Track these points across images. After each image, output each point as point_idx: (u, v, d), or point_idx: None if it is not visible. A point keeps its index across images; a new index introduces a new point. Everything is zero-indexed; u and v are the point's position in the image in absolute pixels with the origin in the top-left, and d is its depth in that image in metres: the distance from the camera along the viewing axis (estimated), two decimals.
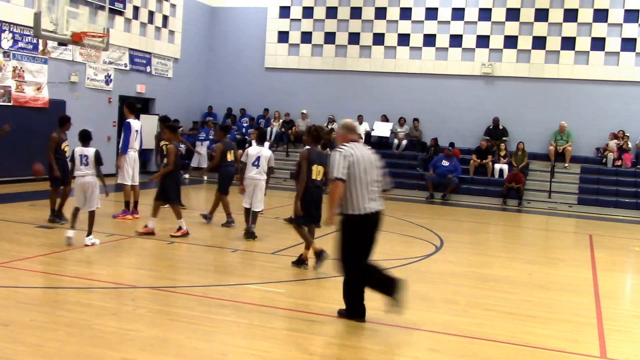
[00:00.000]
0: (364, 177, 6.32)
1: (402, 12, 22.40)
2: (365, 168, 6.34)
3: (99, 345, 5.41)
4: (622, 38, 20.44)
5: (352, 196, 6.27)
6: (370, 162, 6.44)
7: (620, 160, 19.83)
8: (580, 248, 12.42)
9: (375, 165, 6.49)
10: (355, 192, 6.27)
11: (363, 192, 6.29)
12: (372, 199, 6.37)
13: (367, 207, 6.31)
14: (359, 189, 6.28)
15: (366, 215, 6.31)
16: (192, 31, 23.52)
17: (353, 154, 6.29)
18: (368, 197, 6.32)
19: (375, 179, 6.45)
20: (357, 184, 6.28)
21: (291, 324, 6.34)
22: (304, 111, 23.01)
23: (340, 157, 6.25)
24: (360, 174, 6.30)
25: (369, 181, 6.35)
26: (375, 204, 6.38)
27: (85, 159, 9.34)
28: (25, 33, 16.22)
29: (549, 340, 6.35)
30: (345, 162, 6.24)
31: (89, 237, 9.31)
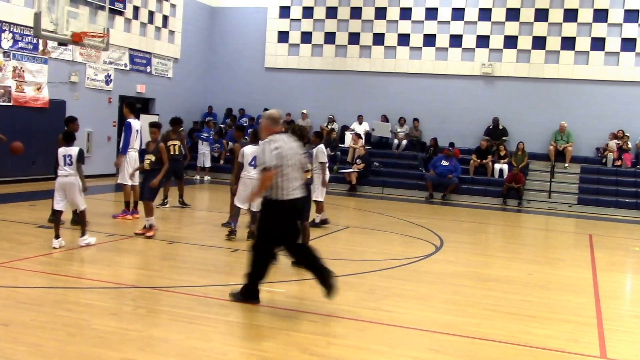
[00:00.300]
0: (287, 167, 6.72)
1: (402, 12, 22.41)
2: (290, 158, 6.75)
3: (99, 345, 5.41)
4: (622, 38, 20.44)
5: (278, 183, 6.68)
6: (295, 152, 6.86)
7: (620, 160, 19.83)
8: (580, 248, 12.42)
9: (299, 154, 6.93)
10: (280, 180, 6.67)
11: (288, 180, 6.72)
12: (296, 187, 6.81)
13: (290, 194, 6.74)
14: (284, 177, 6.70)
15: (289, 201, 6.73)
16: (192, 31, 23.53)
17: (279, 146, 6.69)
18: (292, 185, 6.75)
19: (299, 168, 6.91)
20: (283, 173, 6.68)
21: (291, 323, 6.34)
22: (304, 111, 23.01)
23: (269, 147, 6.66)
24: (285, 163, 6.70)
25: (294, 170, 6.79)
26: (298, 191, 6.84)
27: (69, 159, 9.09)
28: (26, 33, 16.23)
29: (549, 340, 6.35)
30: (276, 152, 6.64)
31: (83, 238, 9.23)
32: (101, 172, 18.76)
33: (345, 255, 10.29)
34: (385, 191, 20.07)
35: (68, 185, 9.09)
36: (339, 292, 6.81)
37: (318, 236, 11.38)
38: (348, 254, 10.34)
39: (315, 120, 22.92)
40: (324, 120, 22.73)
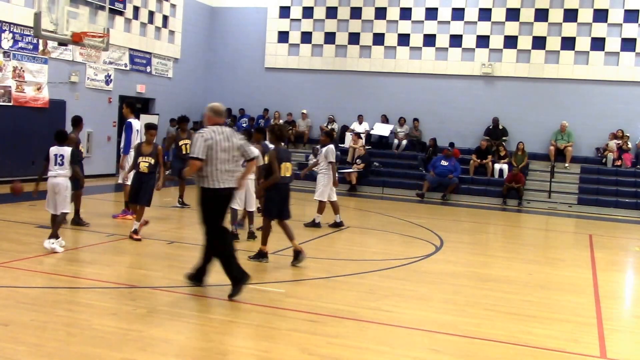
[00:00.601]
0: (222, 157, 7.07)
1: (402, 12, 22.40)
2: (223, 150, 7.09)
3: (99, 345, 5.41)
4: (622, 38, 20.44)
5: (211, 173, 7.04)
6: (230, 144, 7.19)
7: (620, 160, 19.83)
8: (580, 248, 12.42)
9: (236, 147, 7.24)
10: (213, 169, 7.03)
11: (220, 170, 7.06)
12: (228, 177, 7.17)
13: (222, 183, 7.10)
14: (217, 167, 7.05)
15: (221, 189, 7.11)
16: (192, 31, 23.53)
17: (213, 137, 7.03)
18: (224, 175, 7.11)
19: (234, 160, 7.25)
20: (215, 163, 7.03)
21: (291, 324, 6.34)
22: (304, 111, 23.01)
23: (201, 140, 7.01)
24: (218, 154, 7.05)
25: (227, 161, 7.13)
26: (230, 182, 7.19)
27: (60, 159, 8.90)
28: (26, 33, 16.23)
29: (549, 340, 6.35)
30: (205, 144, 6.99)
31: (49, 240, 8.76)
32: (101, 172, 18.76)
33: (345, 255, 10.29)
34: (385, 191, 20.07)
35: (56, 185, 8.88)
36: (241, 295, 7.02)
37: (318, 236, 11.38)
38: (348, 254, 10.35)
39: (315, 120, 22.94)
40: (324, 120, 22.73)
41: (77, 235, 10.22)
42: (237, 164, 7.37)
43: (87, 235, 10.25)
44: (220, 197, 7.16)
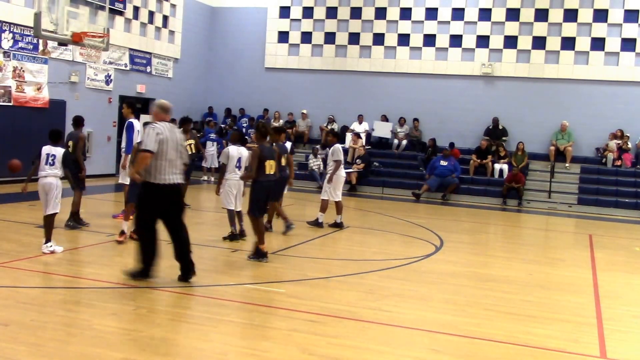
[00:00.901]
0: (170, 153, 7.25)
1: (402, 12, 22.40)
2: (171, 146, 7.26)
3: (99, 345, 5.41)
4: (622, 38, 20.44)
5: (158, 167, 7.20)
6: (177, 142, 7.38)
7: (620, 160, 19.83)
8: (580, 248, 12.43)
9: (181, 145, 7.46)
10: (160, 164, 7.19)
11: (167, 166, 7.23)
12: (174, 173, 7.32)
13: (168, 179, 7.26)
14: (164, 163, 7.21)
15: (165, 185, 7.26)
16: (192, 31, 23.53)
17: (163, 132, 7.21)
18: (171, 170, 7.27)
19: (180, 157, 7.42)
20: (163, 158, 7.20)
21: (291, 324, 6.34)
22: (304, 111, 23.02)
23: (153, 133, 7.16)
24: (166, 150, 7.22)
25: (174, 157, 7.30)
26: (176, 177, 7.34)
27: (52, 159, 8.73)
28: (26, 33, 16.23)
29: (549, 340, 6.35)
30: (156, 137, 7.14)
31: (46, 245, 8.66)
32: (101, 172, 18.77)
33: (345, 255, 10.29)
34: (385, 191, 20.07)
35: (47, 185, 8.69)
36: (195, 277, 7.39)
37: (318, 236, 11.38)
38: (348, 254, 10.35)
39: (315, 120, 22.94)
40: (324, 120, 22.73)
41: (77, 235, 10.22)
42: (182, 162, 7.53)
43: (87, 235, 10.25)
44: (164, 192, 7.31)
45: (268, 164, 8.90)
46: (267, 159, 8.90)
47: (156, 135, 7.14)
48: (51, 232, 8.73)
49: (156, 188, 7.24)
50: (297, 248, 10.40)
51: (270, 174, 8.95)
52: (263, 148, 8.94)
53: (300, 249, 10.40)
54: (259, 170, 8.81)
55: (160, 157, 7.17)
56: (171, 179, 7.29)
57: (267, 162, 8.90)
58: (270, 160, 8.94)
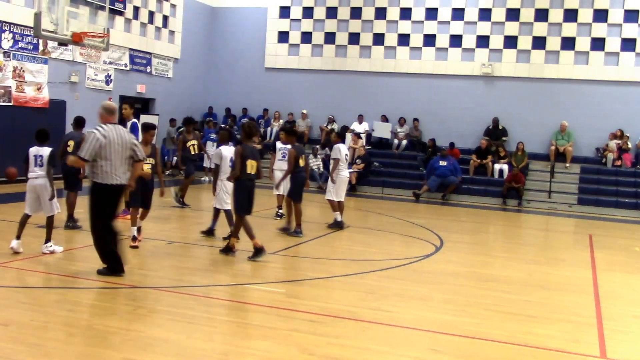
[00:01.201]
0: (115, 154, 7.46)
1: (402, 12, 22.41)
2: (117, 147, 7.47)
3: (99, 345, 5.41)
4: (621, 38, 20.44)
5: (103, 168, 7.42)
6: (124, 142, 7.58)
7: (620, 160, 19.83)
8: (580, 248, 12.43)
9: (129, 145, 7.62)
10: (105, 165, 7.42)
11: (112, 167, 7.46)
12: (120, 173, 7.56)
13: (114, 179, 7.49)
14: (109, 164, 7.44)
15: (112, 185, 7.49)
16: (192, 31, 23.53)
17: (106, 135, 7.41)
18: (116, 171, 7.50)
19: (126, 157, 7.61)
20: (108, 159, 7.42)
21: (291, 324, 6.34)
22: (304, 111, 23.02)
23: (93, 139, 7.38)
24: (111, 151, 7.43)
25: (120, 158, 7.52)
26: (122, 178, 7.58)
27: (40, 160, 8.59)
28: (26, 33, 16.23)
29: (549, 340, 6.35)
30: (96, 144, 7.37)
31: (46, 245, 8.61)
32: None
33: (345, 255, 10.29)
34: (385, 191, 20.07)
35: (38, 187, 8.58)
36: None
37: (318, 236, 11.38)
38: (348, 254, 10.35)
39: (315, 120, 22.94)
40: (324, 120, 22.73)
41: (77, 235, 10.21)
42: (129, 162, 7.70)
43: (87, 235, 10.23)
44: (110, 193, 7.53)
45: (250, 164, 9.02)
46: (249, 159, 9.01)
47: (96, 142, 7.36)
48: (51, 232, 8.69)
49: (104, 188, 7.49)
50: (297, 248, 10.40)
51: (251, 173, 9.08)
52: (245, 147, 9.07)
53: (300, 249, 10.41)
54: (240, 169, 8.95)
55: (104, 159, 7.41)
56: (116, 180, 7.53)
57: (249, 161, 9.01)
58: (252, 160, 9.05)
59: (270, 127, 23.14)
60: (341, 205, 12.50)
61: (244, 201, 9.08)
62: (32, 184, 8.59)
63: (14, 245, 8.50)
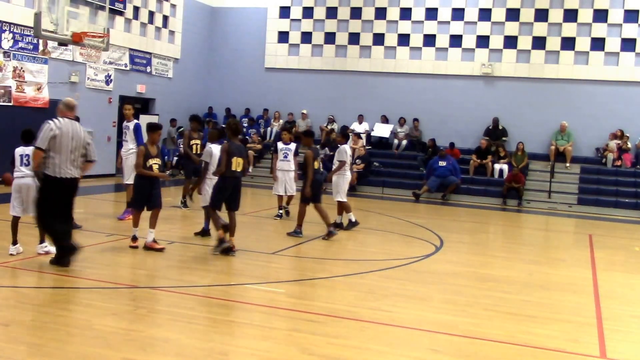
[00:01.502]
0: (67, 148, 7.63)
1: (402, 13, 22.41)
2: (69, 141, 7.65)
3: (99, 345, 5.42)
4: (621, 38, 20.44)
5: (55, 161, 7.55)
6: (78, 137, 7.77)
7: (620, 160, 19.83)
8: (580, 248, 12.43)
9: (83, 142, 7.84)
10: (57, 158, 7.56)
11: (64, 160, 7.60)
12: (72, 167, 7.72)
13: (65, 173, 7.64)
14: (61, 157, 7.59)
15: (63, 179, 7.63)
16: (193, 31, 23.53)
17: (61, 128, 7.59)
18: (68, 165, 7.65)
19: (79, 152, 7.79)
20: (60, 152, 7.57)
21: (291, 324, 6.34)
22: (304, 111, 23.02)
23: (47, 130, 7.58)
24: (63, 145, 7.60)
25: (72, 152, 7.68)
26: (73, 172, 7.75)
27: (26, 159, 8.52)
28: (26, 33, 16.23)
29: (549, 340, 6.35)
30: (49, 134, 7.55)
31: (41, 245, 8.56)
32: (101, 172, 18.77)
33: (345, 255, 10.29)
34: (385, 191, 20.07)
35: (24, 186, 8.49)
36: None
37: (318, 236, 11.38)
38: (348, 254, 10.35)
39: (315, 120, 22.93)
40: (324, 120, 22.73)
41: (77, 235, 10.20)
42: (83, 156, 7.89)
43: (87, 235, 10.25)
44: (61, 186, 7.67)
45: (235, 161, 9.14)
46: (235, 156, 9.13)
47: (49, 132, 7.55)
48: (43, 232, 8.59)
49: (54, 181, 7.62)
50: (297, 248, 10.40)
51: (236, 170, 9.19)
52: (232, 145, 9.21)
53: (300, 249, 10.41)
54: (226, 165, 9.08)
55: (56, 152, 7.57)
56: (68, 173, 7.68)
57: (235, 159, 9.14)
58: (237, 158, 9.16)
59: (270, 127, 23.14)
60: (345, 205, 12.54)
61: (222, 197, 9.26)
62: (18, 183, 8.54)
63: (13, 251, 8.49)
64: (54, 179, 7.63)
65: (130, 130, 12.05)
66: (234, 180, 9.24)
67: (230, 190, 9.24)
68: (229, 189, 9.23)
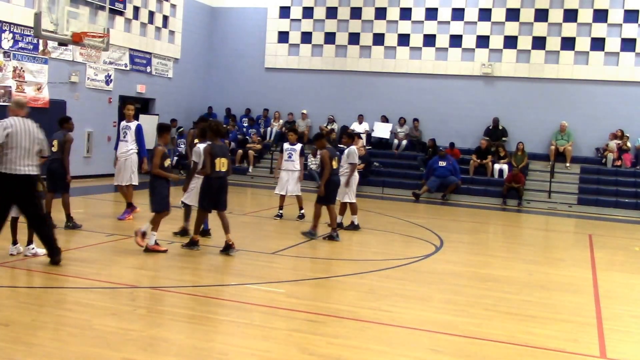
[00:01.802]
0: (21, 145, 7.74)
1: (402, 12, 22.41)
2: (23, 138, 7.76)
3: (99, 345, 5.42)
4: (621, 38, 20.44)
5: (8, 157, 7.68)
6: (31, 135, 7.87)
7: (620, 160, 19.83)
8: (580, 248, 12.43)
9: (37, 141, 7.95)
10: (11, 155, 7.68)
11: (18, 157, 7.71)
12: (27, 165, 7.81)
13: (19, 169, 7.75)
14: (15, 154, 7.70)
15: (16, 175, 7.73)
16: (193, 31, 23.53)
17: (13, 125, 7.74)
18: (22, 162, 7.75)
19: (34, 149, 7.88)
20: (14, 149, 7.68)
21: (291, 324, 6.34)
22: (304, 111, 23.02)
23: (1, 128, 7.70)
24: (17, 141, 7.71)
25: (26, 150, 7.78)
26: (28, 168, 7.83)
27: None
28: (26, 33, 16.23)
29: (549, 340, 6.36)
30: (3, 132, 7.67)
31: (28, 247, 8.50)
32: (101, 172, 18.77)
33: (345, 255, 10.30)
34: (385, 191, 20.07)
35: None
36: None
37: (318, 236, 11.37)
38: (348, 254, 10.35)
39: (315, 120, 22.94)
40: (324, 120, 22.73)
41: (77, 235, 10.22)
42: (37, 153, 7.98)
43: (87, 235, 10.25)
44: (15, 182, 7.76)
45: (219, 162, 9.21)
46: (218, 157, 9.21)
47: (3, 130, 7.69)
48: (32, 234, 8.50)
49: (7, 177, 7.72)
50: (297, 248, 10.40)
51: (220, 170, 9.26)
52: (214, 146, 9.26)
53: (301, 249, 10.41)
54: (210, 167, 9.17)
55: (10, 148, 7.68)
56: (22, 170, 7.76)
57: (218, 159, 9.21)
58: (221, 158, 9.24)
59: (270, 127, 23.14)
60: (353, 206, 12.51)
61: (208, 198, 9.33)
62: None
63: (13, 251, 8.49)
64: (8, 175, 7.72)
65: (132, 130, 12.04)
66: (219, 180, 9.29)
67: (215, 190, 9.28)
68: (215, 190, 9.28)
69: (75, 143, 9.68)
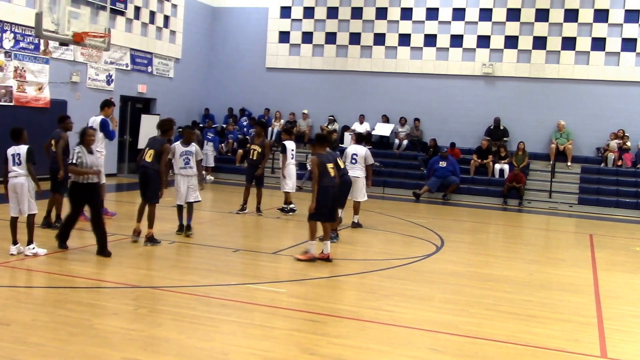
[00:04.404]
0: None
1: (402, 12, 22.40)
2: None
3: (100, 345, 5.42)
4: (622, 38, 20.43)
5: None
6: None
7: (620, 160, 19.83)
8: (580, 248, 12.43)
9: None
10: None
11: None
12: None
13: None
14: None
15: None
16: (193, 31, 23.54)
17: None
18: None
19: None
20: None
21: (292, 323, 6.35)
22: (305, 111, 23.02)
23: None
24: None
25: None
26: None
27: (17, 158, 8.49)
28: (27, 33, 16.25)
29: (550, 340, 6.36)
30: None
31: (29, 247, 8.49)
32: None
33: (346, 255, 10.29)
34: (386, 191, 20.07)
35: (18, 186, 8.48)
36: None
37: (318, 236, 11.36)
38: (348, 254, 10.35)
39: (316, 120, 22.94)
40: (324, 120, 22.73)
41: (78, 235, 10.22)
42: None
43: (87, 235, 10.25)
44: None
45: (148, 152, 9.92)
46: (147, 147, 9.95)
47: None
48: (32, 233, 8.56)
49: None
50: (298, 248, 10.40)
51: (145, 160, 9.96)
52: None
53: (301, 249, 10.40)
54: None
55: None
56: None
57: (147, 149, 9.95)
58: (150, 149, 9.88)
59: (271, 127, 23.14)
60: (359, 206, 12.61)
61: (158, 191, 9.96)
62: (12, 183, 8.52)
63: (13, 251, 8.49)
64: None
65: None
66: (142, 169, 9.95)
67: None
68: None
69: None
